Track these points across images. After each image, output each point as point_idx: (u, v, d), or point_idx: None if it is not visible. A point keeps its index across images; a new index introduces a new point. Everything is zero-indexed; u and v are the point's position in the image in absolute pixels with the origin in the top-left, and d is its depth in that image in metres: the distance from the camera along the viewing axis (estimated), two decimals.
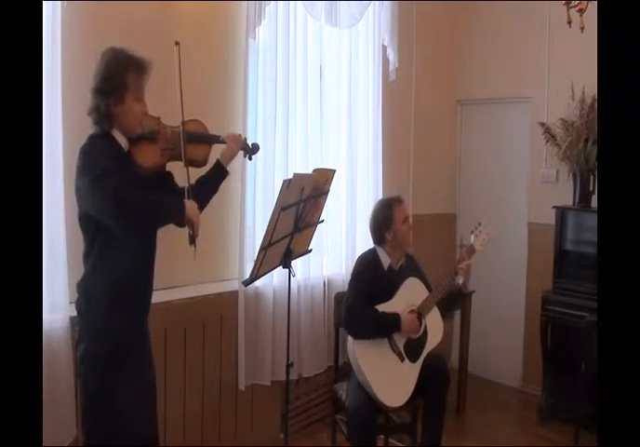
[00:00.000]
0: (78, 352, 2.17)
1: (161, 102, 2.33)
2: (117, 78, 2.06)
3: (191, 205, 2.14)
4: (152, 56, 2.19)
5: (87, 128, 2.15)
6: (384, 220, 3.09)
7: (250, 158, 2.57)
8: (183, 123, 2.22)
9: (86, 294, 2.15)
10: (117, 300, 2.12)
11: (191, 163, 2.23)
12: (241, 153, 2.51)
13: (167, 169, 2.32)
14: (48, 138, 2.53)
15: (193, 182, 2.27)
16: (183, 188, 2.26)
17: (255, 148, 2.52)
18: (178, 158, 2.23)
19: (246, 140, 2.52)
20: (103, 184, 1.97)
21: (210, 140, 2.37)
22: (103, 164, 2.01)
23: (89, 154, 2.06)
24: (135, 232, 2.12)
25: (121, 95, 2.08)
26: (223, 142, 2.39)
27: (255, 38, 3.29)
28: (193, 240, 2.16)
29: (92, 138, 2.12)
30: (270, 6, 3.34)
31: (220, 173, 2.36)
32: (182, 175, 2.26)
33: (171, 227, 2.21)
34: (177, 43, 2.19)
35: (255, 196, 3.39)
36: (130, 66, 2.09)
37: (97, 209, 2.02)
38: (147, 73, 2.13)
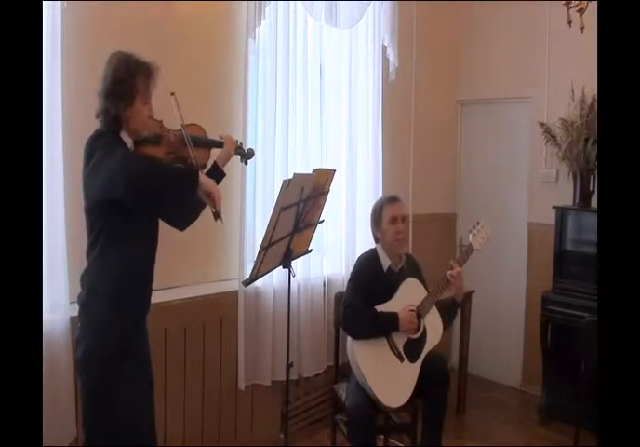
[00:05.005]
0: (79, 350, 2.17)
1: (160, 104, 2.32)
2: (127, 82, 2.11)
3: (207, 178, 2.13)
4: (151, 56, 2.20)
5: (88, 127, 2.16)
6: (374, 219, 3.10)
7: (246, 163, 2.62)
8: (184, 127, 2.24)
9: (90, 287, 2.16)
10: (119, 296, 2.13)
11: None
12: (237, 157, 2.54)
13: None
14: (48, 137, 2.54)
15: None
16: None
17: (250, 153, 2.56)
18: (180, 161, 2.26)
19: (242, 145, 2.55)
20: (135, 160, 2.06)
21: (211, 144, 2.41)
22: (122, 149, 2.09)
23: (105, 144, 2.08)
24: (151, 202, 2.08)
25: (130, 98, 2.12)
26: (222, 147, 2.43)
27: (255, 38, 3.29)
28: (217, 215, 2.13)
29: (100, 133, 2.14)
30: (270, 6, 3.34)
31: (217, 175, 2.39)
32: None
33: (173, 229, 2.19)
34: (172, 93, 2.23)
35: (255, 196, 3.40)
36: (139, 71, 2.14)
37: (127, 185, 1.99)
38: (154, 77, 2.19)
